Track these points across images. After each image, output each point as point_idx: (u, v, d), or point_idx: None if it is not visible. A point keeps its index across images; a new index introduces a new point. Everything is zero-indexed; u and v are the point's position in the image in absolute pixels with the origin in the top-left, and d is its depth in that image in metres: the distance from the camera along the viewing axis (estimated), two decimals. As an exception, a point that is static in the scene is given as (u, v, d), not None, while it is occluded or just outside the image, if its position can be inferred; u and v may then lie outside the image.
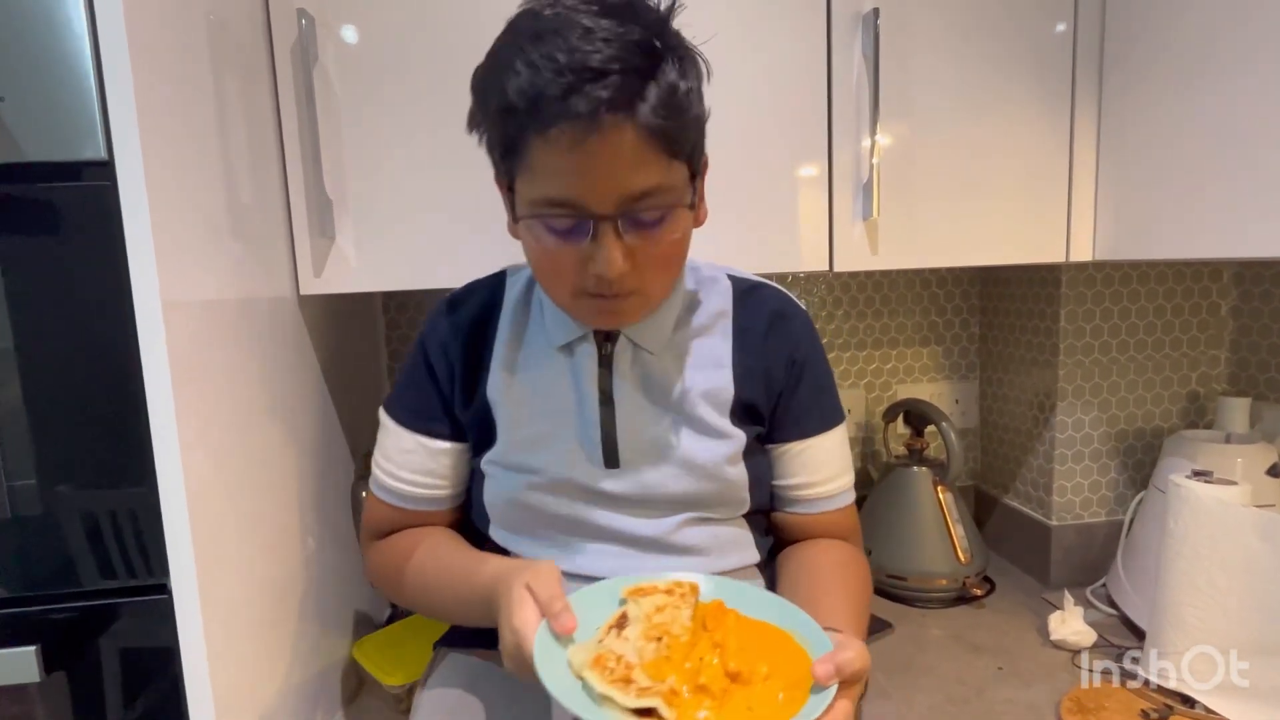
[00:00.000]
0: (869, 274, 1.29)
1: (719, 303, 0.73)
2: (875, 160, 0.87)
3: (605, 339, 0.70)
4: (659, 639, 0.56)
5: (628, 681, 0.52)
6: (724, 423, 0.70)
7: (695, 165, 0.61)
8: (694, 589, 0.61)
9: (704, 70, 0.60)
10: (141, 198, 0.54)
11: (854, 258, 0.91)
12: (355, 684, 0.96)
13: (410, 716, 0.71)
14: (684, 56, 0.57)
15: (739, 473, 0.71)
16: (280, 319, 0.80)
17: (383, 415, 0.75)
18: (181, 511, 0.57)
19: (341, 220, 0.84)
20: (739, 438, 0.71)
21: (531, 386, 0.70)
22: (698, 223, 0.65)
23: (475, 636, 0.76)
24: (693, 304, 0.73)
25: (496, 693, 0.67)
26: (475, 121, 0.61)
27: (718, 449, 0.70)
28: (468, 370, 0.72)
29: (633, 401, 0.70)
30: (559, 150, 0.54)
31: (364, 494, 1.01)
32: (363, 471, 1.04)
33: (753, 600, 0.61)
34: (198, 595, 0.58)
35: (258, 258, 0.75)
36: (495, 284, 0.75)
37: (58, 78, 0.53)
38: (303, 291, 0.84)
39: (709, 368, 0.71)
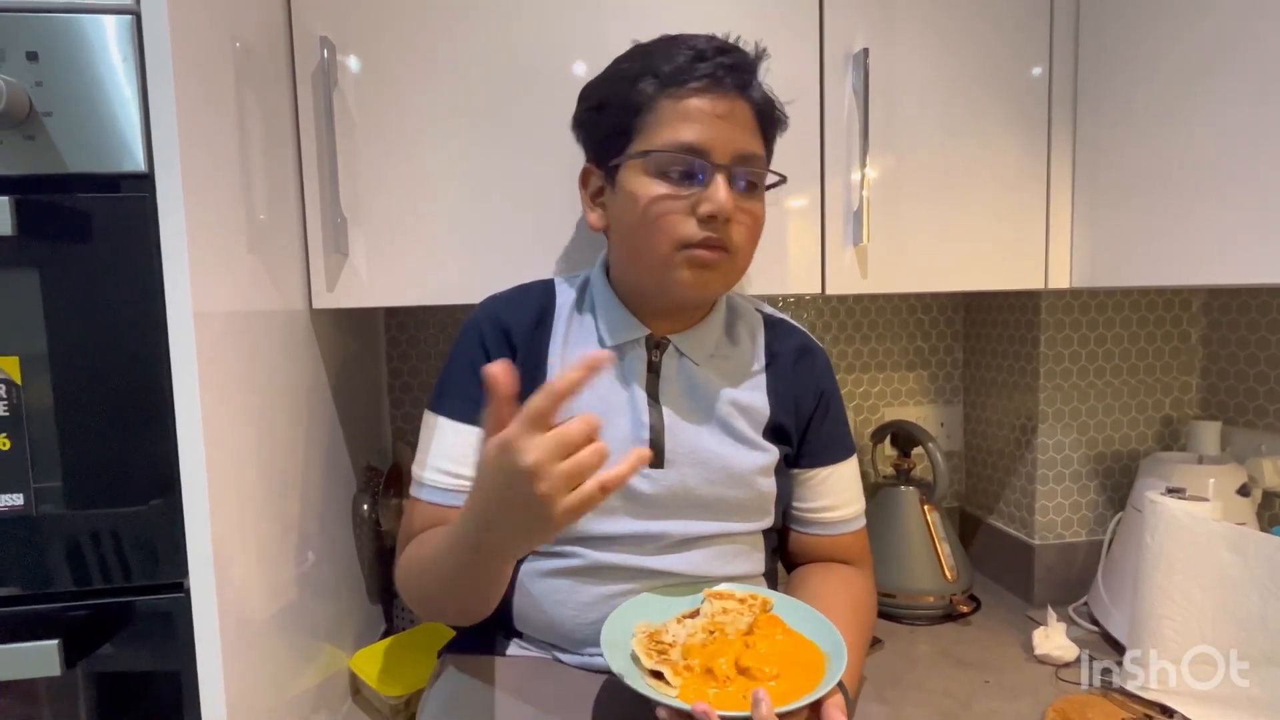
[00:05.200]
0: (857, 299, 1.34)
1: (752, 328, 0.81)
2: (865, 190, 0.92)
3: (655, 346, 0.75)
4: (711, 633, 0.64)
5: (662, 653, 0.60)
6: (758, 437, 0.76)
7: (769, 161, 0.76)
8: (766, 603, 0.69)
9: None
10: (179, 210, 0.57)
11: (845, 281, 0.95)
12: (351, 694, 0.96)
13: (416, 720, 0.72)
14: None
15: (769, 485, 0.76)
16: (293, 331, 0.82)
17: (431, 417, 0.75)
18: (203, 513, 0.59)
19: (355, 237, 0.87)
20: (773, 452, 0.76)
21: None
22: (760, 224, 0.73)
23: (479, 641, 0.77)
24: (730, 325, 0.80)
25: (502, 698, 0.68)
26: (592, 106, 0.74)
27: (754, 459, 0.75)
28: (529, 358, 0.74)
29: (678, 406, 0.74)
30: (690, 103, 0.68)
31: (364, 506, 1.03)
32: (364, 485, 1.05)
33: (808, 620, 0.67)
34: (215, 596, 0.59)
35: (274, 271, 0.77)
36: (546, 287, 0.79)
37: (105, 93, 0.56)
38: (315, 305, 0.86)
39: (746, 385, 0.77)
